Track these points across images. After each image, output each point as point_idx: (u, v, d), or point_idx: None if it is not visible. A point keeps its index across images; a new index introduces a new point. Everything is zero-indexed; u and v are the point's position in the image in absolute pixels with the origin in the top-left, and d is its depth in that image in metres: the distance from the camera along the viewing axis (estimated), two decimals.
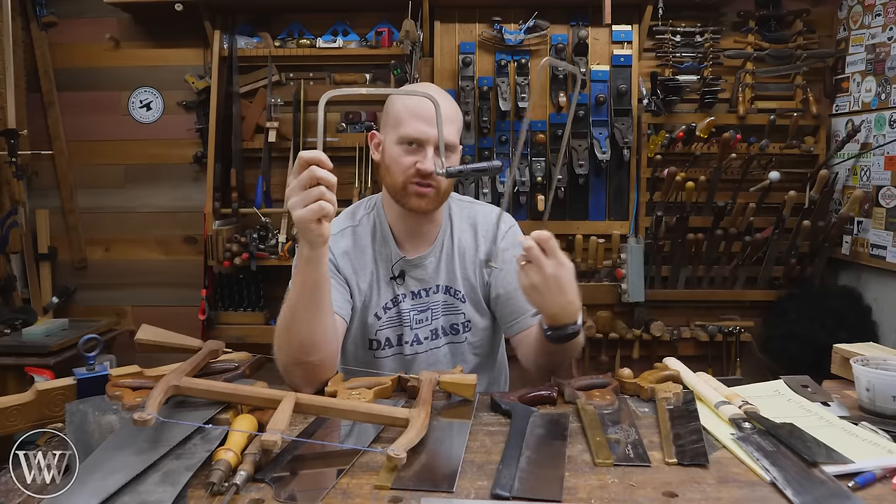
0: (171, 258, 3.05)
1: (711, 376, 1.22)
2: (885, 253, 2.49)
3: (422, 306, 1.44)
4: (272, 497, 0.84)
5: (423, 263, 1.44)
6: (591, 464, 0.93)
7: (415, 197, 1.35)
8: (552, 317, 1.20)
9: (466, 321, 1.46)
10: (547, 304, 1.16)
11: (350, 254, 1.43)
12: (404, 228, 1.44)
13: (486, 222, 1.49)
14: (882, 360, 1.15)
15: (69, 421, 1.00)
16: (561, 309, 1.18)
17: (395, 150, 1.35)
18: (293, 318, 1.17)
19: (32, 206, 3.02)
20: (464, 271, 1.45)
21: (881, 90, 2.53)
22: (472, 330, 1.46)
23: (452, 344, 1.46)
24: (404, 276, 1.43)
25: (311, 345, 1.18)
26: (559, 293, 1.15)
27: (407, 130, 1.32)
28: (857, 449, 0.94)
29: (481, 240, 1.47)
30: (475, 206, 1.54)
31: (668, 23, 2.78)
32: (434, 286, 1.44)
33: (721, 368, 2.81)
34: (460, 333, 1.46)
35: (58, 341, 2.54)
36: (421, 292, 1.44)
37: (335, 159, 3.31)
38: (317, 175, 1.04)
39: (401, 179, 1.34)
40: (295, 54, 2.84)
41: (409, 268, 1.43)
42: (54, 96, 2.96)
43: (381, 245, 1.44)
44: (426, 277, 1.44)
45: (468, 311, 1.46)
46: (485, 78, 2.75)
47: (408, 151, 1.33)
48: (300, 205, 1.04)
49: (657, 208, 2.73)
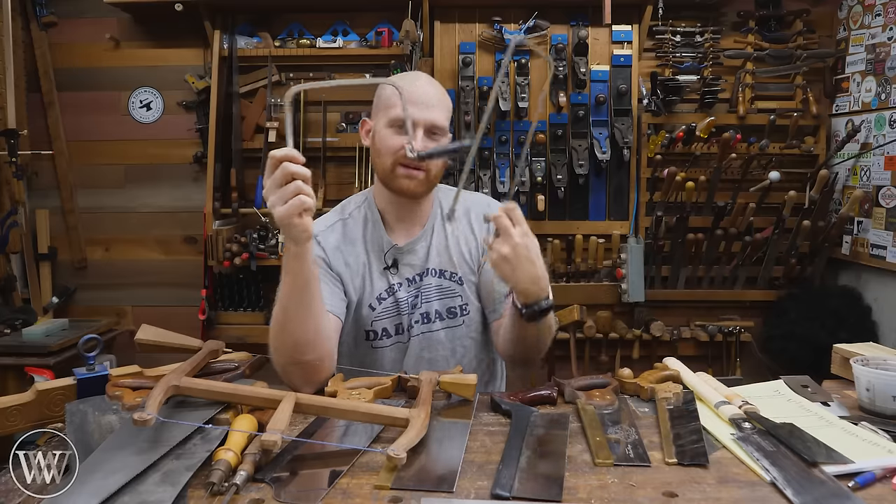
0: (171, 258, 3.05)
1: (711, 376, 1.22)
2: (885, 253, 2.49)
3: (416, 291, 1.44)
4: (272, 497, 0.84)
5: (415, 248, 1.44)
6: (591, 464, 0.93)
7: (404, 179, 1.36)
8: (524, 292, 1.19)
9: (464, 304, 1.46)
10: (518, 276, 1.15)
11: (341, 248, 1.43)
12: (395, 214, 1.45)
13: (480, 208, 1.50)
14: (882, 360, 1.15)
15: (69, 421, 1.00)
16: (532, 281, 1.16)
17: (385, 133, 1.36)
18: (285, 317, 1.17)
19: (32, 206, 3.02)
20: (460, 255, 1.46)
21: (881, 90, 2.53)
22: (469, 314, 1.46)
23: (450, 329, 1.46)
24: (398, 265, 1.44)
25: (306, 343, 1.18)
26: (529, 264, 1.14)
27: (397, 112, 1.33)
28: (857, 449, 0.94)
29: (475, 224, 1.48)
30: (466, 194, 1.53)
31: (668, 23, 2.78)
32: (425, 270, 1.44)
33: (721, 368, 2.81)
34: (457, 317, 1.46)
35: (58, 341, 2.54)
36: (415, 278, 1.44)
37: (335, 159, 3.32)
38: (290, 171, 1.04)
39: (390, 161, 1.35)
40: (295, 54, 2.84)
41: (400, 255, 1.44)
42: (54, 96, 2.96)
43: (373, 235, 1.45)
44: (418, 262, 1.44)
45: (465, 294, 1.46)
46: (485, 78, 2.75)
47: (398, 133, 1.34)
48: (279, 202, 1.04)
49: (657, 208, 2.73)
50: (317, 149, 2.86)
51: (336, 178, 2.91)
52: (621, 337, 2.80)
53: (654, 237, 2.73)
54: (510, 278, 1.17)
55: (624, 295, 2.77)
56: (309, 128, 2.87)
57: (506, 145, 2.78)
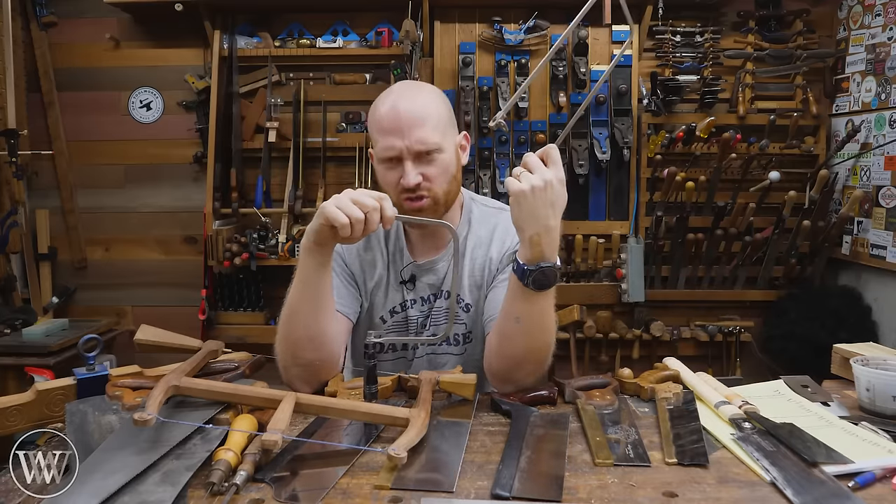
0: (171, 258, 3.05)
1: (711, 376, 1.22)
2: (885, 253, 2.49)
3: (427, 311, 1.40)
4: (272, 497, 0.84)
5: (435, 268, 1.39)
6: (591, 464, 0.93)
7: (412, 211, 1.29)
8: (530, 241, 1.07)
9: (467, 332, 1.41)
10: (530, 218, 1.06)
11: (360, 252, 1.39)
12: (419, 233, 1.40)
13: (504, 228, 1.39)
14: (882, 360, 1.15)
15: (69, 421, 1.00)
16: (544, 230, 1.06)
17: (380, 169, 1.31)
18: (295, 314, 1.17)
19: (32, 206, 3.02)
20: (472, 280, 1.39)
21: (881, 90, 2.53)
22: (472, 342, 1.41)
23: (454, 355, 1.41)
24: (415, 281, 1.39)
25: (311, 340, 1.17)
26: (546, 207, 1.05)
27: (380, 150, 1.27)
28: (857, 449, 0.94)
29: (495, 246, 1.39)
30: (502, 214, 1.41)
31: (668, 23, 2.78)
32: (440, 291, 1.40)
33: (721, 368, 2.81)
34: (461, 345, 1.41)
35: (58, 341, 2.54)
36: (430, 297, 1.40)
37: (335, 159, 3.31)
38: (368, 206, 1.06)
39: (394, 197, 1.26)
40: (295, 54, 2.84)
41: (419, 272, 1.39)
42: (54, 96, 2.96)
43: (394, 248, 1.40)
44: (436, 282, 1.39)
45: (470, 322, 1.40)
46: (485, 78, 2.75)
47: (389, 168, 1.28)
48: (348, 207, 1.05)
49: (657, 208, 2.73)
50: (317, 149, 2.86)
51: (336, 178, 2.90)
52: (621, 337, 2.80)
53: (654, 237, 2.73)
54: (521, 220, 1.07)
55: (624, 295, 2.77)
56: (309, 128, 2.87)
57: (506, 145, 2.78)
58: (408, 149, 1.24)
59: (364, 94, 2.84)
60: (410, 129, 1.23)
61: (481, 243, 1.39)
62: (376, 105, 1.29)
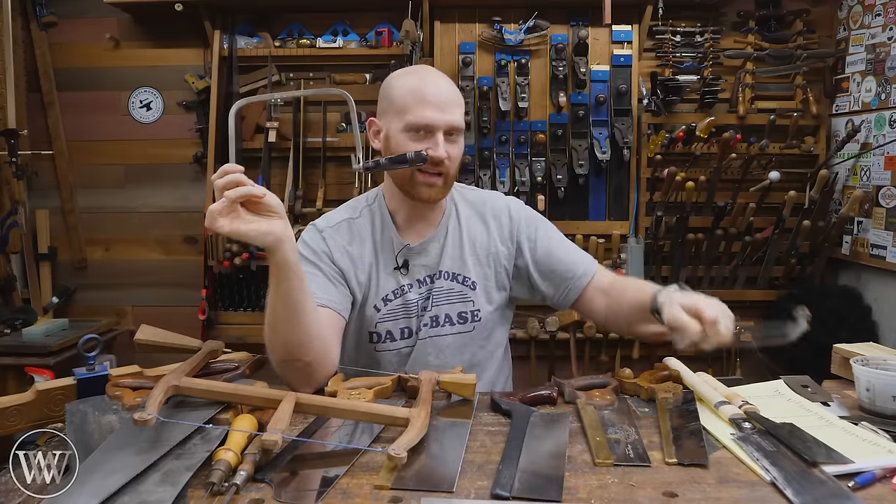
0: (170, 258, 3.05)
1: (711, 376, 1.22)
2: (885, 253, 2.49)
3: (427, 293, 1.40)
4: (272, 497, 0.84)
5: (427, 249, 1.40)
6: (591, 464, 0.93)
7: (424, 187, 1.31)
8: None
9: (476, 310, 1.42)
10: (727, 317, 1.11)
11: (347, 247, 1.38)
12: (406, 215, 1.40)
13: (496, 208, 1.47)
14: (882, 360, 1.15)
15: (69, 421, 1.00)
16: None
17: (401, 138, 1.30)
18: (275, 320, 1.13)
19: (32, 206, 3.02)
20: (475, 258, 1.42)
21: (881, 90, 2.53)
22: (481, 320, 1.43)
23: (459, 334, 1.42)
24: (408, 266, 1.39)
25: (298, 345, 1.15)
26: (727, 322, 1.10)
27: (415, 117, 1.28)
28: (857, 449, 0.94)
29: (491, 222, 1.44)
30: (478, 192, 1.51)
31: (668, 23, 2.78)
32: (438, 272, 1.40)
33: (721, 368, 2.81)
34: (468, 322, 1.42)
35: (58, 341, 2.54)
36: (426, 279, 1.40)
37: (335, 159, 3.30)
38: (231, 181, 0.99)
39: (410, 169, 1.30)
40: (295, 54, 2.84)
41: (412, 255, 1.40)
42: (54, 96, 2.96)
43: (383, 235, 1.40)
44: (430, 263, 1.40)
45: (478, 299, 1.42)
46: (485, 78, 2.75)
47: (415, 139, 1.29)
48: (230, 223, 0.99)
49: (657, 208, 2.73)
50: (317, 149, 2.86)
51: (336, 178, 2.90)
52: (621, 337, 2.80)
53: (654, 237, 2.73)
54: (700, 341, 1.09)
55: None
56: (309, 128, 2.87)
57: (506, 145, 2.78)
58: (446, 123, 1.29)
59: (364, 94, 2.83)
60: (450, 106, 1.30)
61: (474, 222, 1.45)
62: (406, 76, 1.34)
